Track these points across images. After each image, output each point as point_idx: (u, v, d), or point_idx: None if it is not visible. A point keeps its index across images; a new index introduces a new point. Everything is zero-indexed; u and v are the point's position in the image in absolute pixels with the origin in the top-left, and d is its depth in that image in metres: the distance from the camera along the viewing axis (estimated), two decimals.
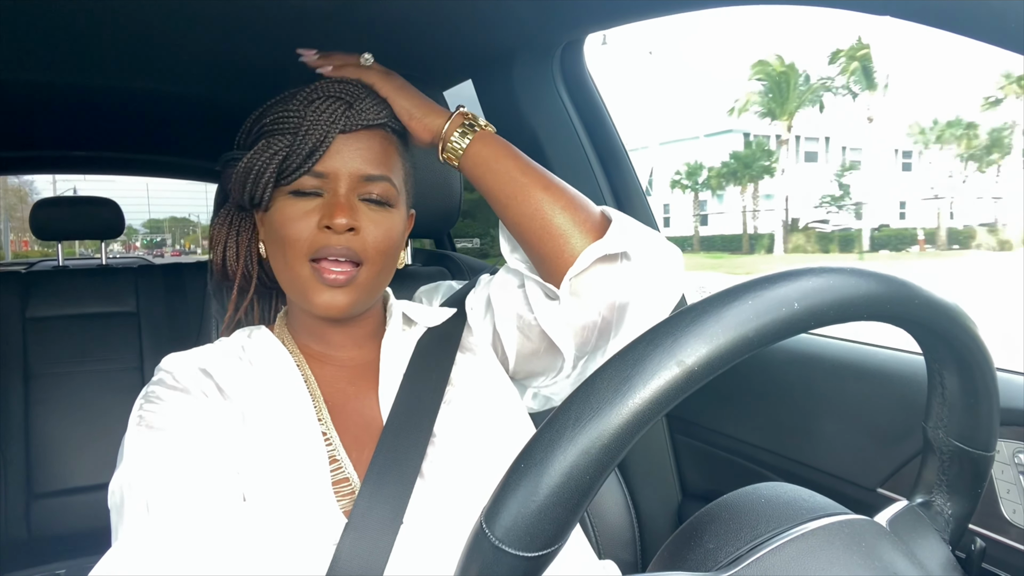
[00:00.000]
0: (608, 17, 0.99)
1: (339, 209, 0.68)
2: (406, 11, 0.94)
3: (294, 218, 0.70)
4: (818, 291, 0.35)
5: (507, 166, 0.75)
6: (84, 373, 1.72)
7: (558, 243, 0.72)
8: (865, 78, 24.66)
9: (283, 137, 0.69)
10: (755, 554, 0.41)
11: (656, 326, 0.35)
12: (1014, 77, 23.64)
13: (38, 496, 1.62)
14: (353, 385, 0.77)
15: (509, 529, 0.33)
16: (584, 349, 0.74)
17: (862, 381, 0.89)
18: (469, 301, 0.84)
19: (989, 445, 0.47)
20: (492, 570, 0.33)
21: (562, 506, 0.33)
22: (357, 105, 0.71)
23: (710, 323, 0.34)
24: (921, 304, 0.39)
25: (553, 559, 0.34)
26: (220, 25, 0.97)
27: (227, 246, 0.80)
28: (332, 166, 0.70)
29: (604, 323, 0.72)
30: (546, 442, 0.33)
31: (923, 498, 0.50)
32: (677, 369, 0.33)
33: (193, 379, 0.69)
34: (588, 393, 0.34)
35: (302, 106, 0.70)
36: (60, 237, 2.09)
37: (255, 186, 0.71)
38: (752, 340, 0.34)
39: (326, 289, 0.70)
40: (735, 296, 0.35)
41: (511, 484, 0.34)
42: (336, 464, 0.69)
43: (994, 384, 0.44)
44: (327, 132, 0.69)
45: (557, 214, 0.72)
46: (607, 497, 1.10)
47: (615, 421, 0.32)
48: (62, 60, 1.12)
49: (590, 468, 0.32)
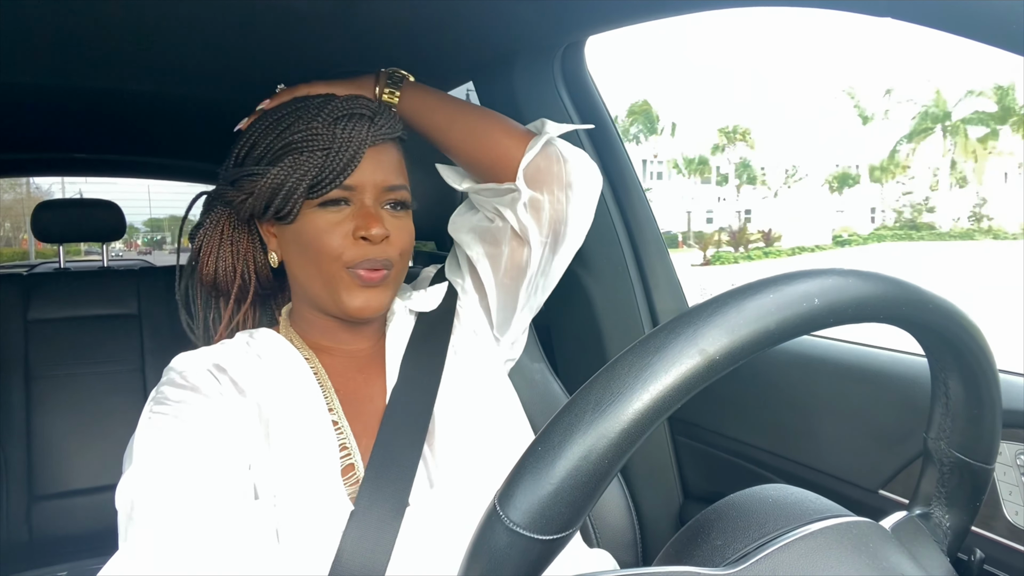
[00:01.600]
0: (609, 19, 0.99)
1: (373, 220, 0.73)
2: (406, 13, 0.94)
3: (326, 229, 0.73)
4: (839, 289, 0.36)
5: (438, 101, 0.88)
6: (85, 375, 1.72)
7: (501, 147, 0.83)
8: (647, 126, 35.31)
9: (313, 155, 0.72)
10: (763, 551, 0.41)
11: (678, 316, 0.35)
12: (728, 130, 35.15)
13: (39, 498, 1.62)
14: (362, 373, 0.79)
15: (524, 511, 0.33)
16: (547, 232, 0.84)
17: (863, 383, 0.89)
18: (448, 270, 0.93)
19: (990, 458, 0.47)
20: (505, 552, 0.33)
21: (579, 490, 0.33)
22: (378, 120, 0.76)
23: (732, 314, 0.34)
24: (935, 311, 0.39)
25: (566, 543, 0.34)
26: (221, 28, 0.97)
27: (219, 256, 0.81)
28: (360, 179, 0.74)
29: (558, 202, 0.83)
30: (565, 425, 0.33)
31: (922, 509, 0.50)
32: (699, 358, 0.33)
33: (205, 377, 0.70)
34: (609, 378, 0.34)
35: (329, 124, 0.74)
36: (61, 239, 2.09)
37: (285, 201, 0.73)
38: (773, 333, 0.34)
39: (362, 291, 0.74)
40: (757, 289, 0.35)
41: (528, 466, 0.34)
42: (345, 451, 0.71)
43: (999, 396, 0.45)
44: (358, 149, 0.73)
45: (494, 126, 0.85)
46: (608, 498, 1.10)
47: (635, 407, 0.32)
48: (63, 63, 1.12)
49: (608, 453, 0.32)
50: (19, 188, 28.52)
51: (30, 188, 28.89)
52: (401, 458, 0.69)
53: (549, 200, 0.82)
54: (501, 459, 0.74)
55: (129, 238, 49.93)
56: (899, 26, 0.60)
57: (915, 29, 0.59)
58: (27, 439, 1.63)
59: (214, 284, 0.82)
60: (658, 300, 1.21)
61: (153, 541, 0.56)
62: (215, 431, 0.65)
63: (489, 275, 0.87)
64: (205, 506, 0.59)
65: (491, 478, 0.71)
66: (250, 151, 0.76)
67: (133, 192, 37.72)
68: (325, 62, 1.07)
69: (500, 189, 0.85)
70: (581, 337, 1.25)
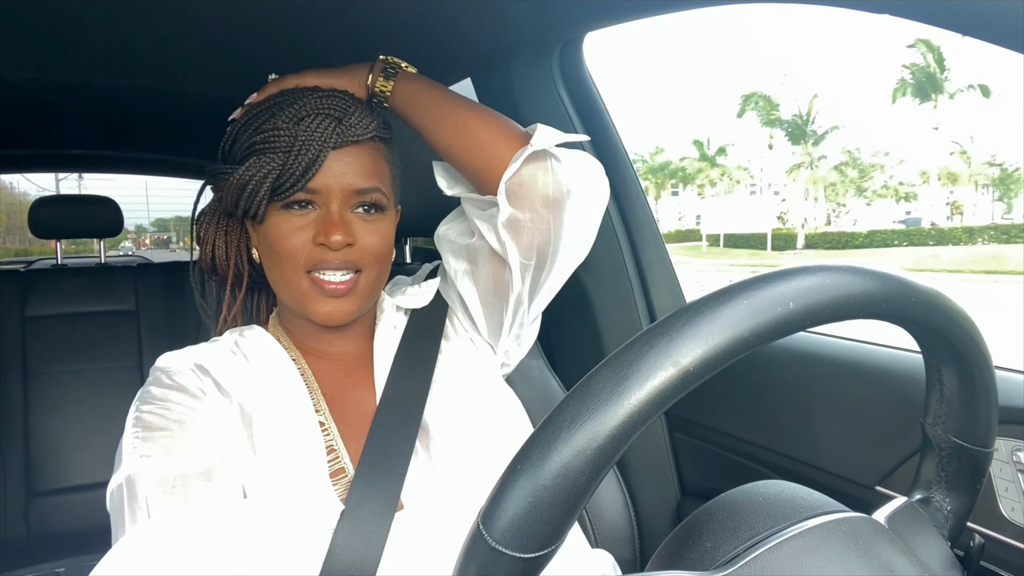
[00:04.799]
0: (608, 15, 0.98)
1: (333, 226, 0.70)
2: (404, 10, 0.93)
3: (288, 233, 0.71)
4: (814, 290, 0.35)
5: (430, 95, 0.80)
6: (83, 372, 1.72)
7: (488, 152, 0.76)
8: None
9: (275, 156, 0.70)
10: (752, 553, 0.41)
11: (651, 327, 0.35)
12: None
13: (37, 494, 1.62)
14: (350, 377, 0.78)
15: (506, 530, 0.33)
16: (528, 254, 0.76)
17: (861, 379, 0.89)
18: (440, 279, 0.88)
19: (988, 441, 0.47)
20: (490, 571, 0.33)
21: (559, 507, 0.33)
22: (346, 120, 0.72)
23: (704, 323, 0.34)
24: (918, 301, 0.39)
25: (550, 559, 0.34)
26: (218, 23, 0.97)
27: (216, 245, 0.80)
28: (324, 182, 0.71)
29: (541, 221, 0.74)
30: (542, 443, 0.33)
31: (922, 495, 0.50)
32: (673, 369, 0.33)
33: (189, 377, 0.70)
34: (584, 394, 0.34)
35: (292, 123, 0.70)
36: (59, 235, 2.09)
37: (249, 201, 0.72)
38: (747, 340, 0.34)
39: (327, 300, 0.72)
40: (730, 296, 0.35)
41: (507, 486, 0.34)
42: (334, 454, 0.70)
43: (992, 380, 0.44)
44: (319, 151, 0.70)
45: (483, 127, 0.77)
46: (606, 495, 1.10)
47: (611, 422, 0.32)
48: (61, 58, 1.12)
49: (586, 469, 0.32)
50: None
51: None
52: (392, 458, 0.69)
53: (531, 219, 0.74)
54: (495, 459, 0.74)
55: (138, 237, 50.15)
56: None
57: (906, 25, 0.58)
58: (25, 435, 1.63)
59: (213, 270, 0.82)
60: (656, 297, 1.21)
61: (144, 540, 0.56)
62: (201, 429, 0.65)
63: (471, 291, 0.83)
64: (193, 503, 0.58)
65: (484, 478, 0.70)
66: (230, 147, 0.75)
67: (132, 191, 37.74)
68: (322, 57, 1.06)
69: (484, 201, 0.79)
70: (579, 334, 1.25)
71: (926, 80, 29.80)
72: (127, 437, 0.64)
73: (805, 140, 32.84)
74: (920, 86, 30.12)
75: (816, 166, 33.73)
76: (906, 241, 26.20)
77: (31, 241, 3.78)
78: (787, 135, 33.17)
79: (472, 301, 0.83)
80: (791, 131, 32.82)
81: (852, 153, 35.36)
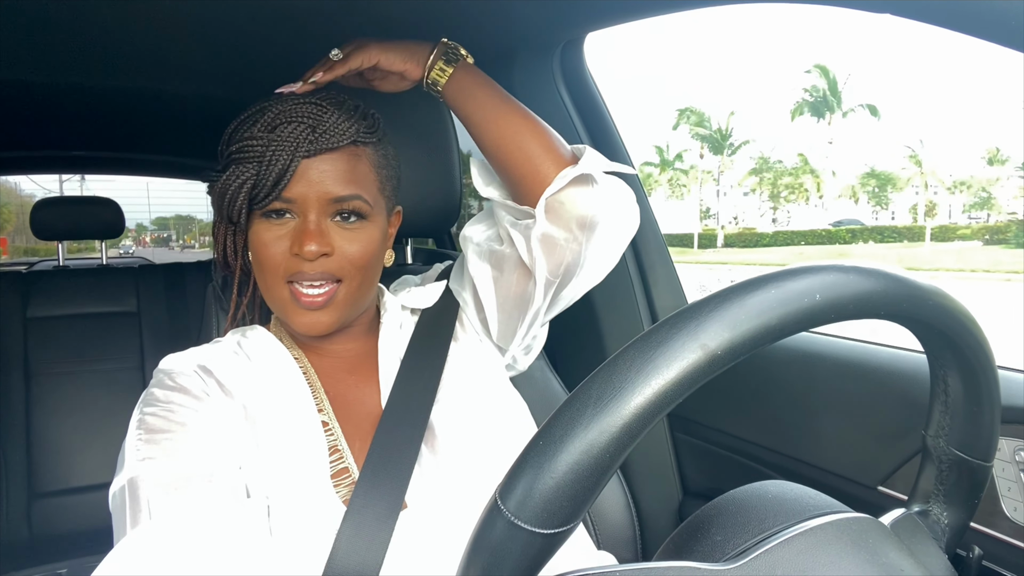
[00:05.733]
0: (608, 16, 0.99)
1: (308, 236, 0.69)
2: (404, 11, 0.94)
3: (267, 243, 0.71)
4: (840, 285, 0.36)
5: (487, 92, 0.79)
6: (85, 373, 1.72)
7: (534, 164, 0.76)
8: None
9: (250, 165, 0.69)
10: (762, 547, 0.41)
11: (679, 311, 0.35)
12: None
13: (39, 496, 1.62)
14: (353, 375, 0.78)
15: (526, 505, 0.33)
16: (556, 272, 0.76)
17: (863, 379, 0.89)
18: (452, 278, 0.87)
19: (988, 455, 0.47)
20: (506, 546, 0.33)
21: (580, 484, 0.33)
22: (320, 127, 0.69)
23: (734, 309, 0.34)
24: (935, 308, 0.39)
25: (567, 538, 0.34)
26: (220, 25, 0.97)
27: (226, 245, 0.81)
28: (299, 191, 0.70)
29: (575, 241, 0.75)
30: (567, 419, 0.33)
31: (920, 507, 0.50)
32: (700, 352, 0.33)
33: (192, 378, 0.70)
34: (610, 373, 0.34)
35: (266, 131, 0.69)
36: (60, 237, 2.09)
37: (230, 209, 0.71)
38: (774, 328, 0.34)
39: (305, 312, 0.71)
40: (759, 285, 0.35)
41: (529, 460, 0.33)
42: (337, 455, 0.70)
43: (998, 394, 0.44)
44: (291, 159, 0.68)
45: (533, 138, 0.76)
46: (607, 495, 1.10)
47: (636, 401, 0.32)
48: (63, 61, 1.12)
49: (609, 447, 0.32)
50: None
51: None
52: (398, 458, 0.68)
53: (565, 238, 0.74)
54: (500, 460, 0.73)
55: (138, 235, 50.29)
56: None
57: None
58: (27, 436, 1.63)
59: (225, 266, 0.82)
60: (657, 297, 1.21)
61: (147, 541, 0.56)
62: (204, 431, 0.65)
63: (491, 297, 0.82)
64: (196, 504, 0.58)
65: (489, 479, 0.70)
66: (221, 152, 0.75)
67: (133, 191, 37.83)
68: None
69: (519, 210, 0.78)
70: (580, 334, 1.25)
71: (821, 101, 35.23)
72: (130, 439, 0.64)
73: (723, 152, 38.03)
74: (816, 105, 35.61)
75: (731, 168, 38.39)
76: (802, 240, 30.40)
77: (37, 240, 3.78)
78: (710, 147, 37.74)
79: (490, 306, 0.82)
80: (713, 144, 37.89)
81: (765, 159, 39.38)
